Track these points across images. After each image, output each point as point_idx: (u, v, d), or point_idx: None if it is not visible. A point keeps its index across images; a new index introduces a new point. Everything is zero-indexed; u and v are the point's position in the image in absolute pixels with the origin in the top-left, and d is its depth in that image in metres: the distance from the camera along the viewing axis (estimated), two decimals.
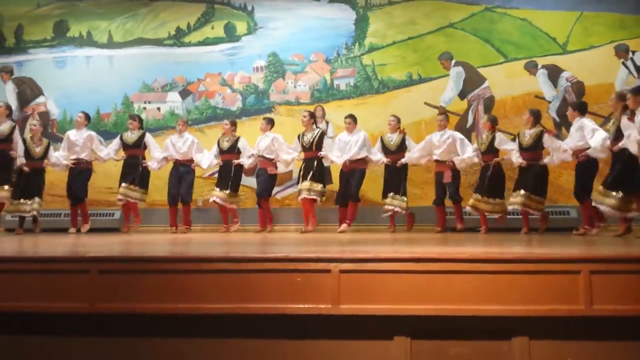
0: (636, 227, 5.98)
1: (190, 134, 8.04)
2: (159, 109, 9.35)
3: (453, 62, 8.77)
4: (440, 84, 8.78)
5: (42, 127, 8.02)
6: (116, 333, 3.56)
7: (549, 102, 8.43)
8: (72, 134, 7.84)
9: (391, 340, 3.44)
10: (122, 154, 7.86)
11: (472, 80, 8.70)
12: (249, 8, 9.42)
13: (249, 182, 8.38)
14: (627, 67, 8.32)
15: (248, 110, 9.21)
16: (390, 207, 7.36)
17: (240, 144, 7.81)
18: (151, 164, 7.79)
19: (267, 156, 7.69)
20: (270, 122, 7.86)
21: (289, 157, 7.64)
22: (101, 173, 8.41)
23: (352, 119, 7.55)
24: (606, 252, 3.84)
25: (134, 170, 7.69)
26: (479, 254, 3.68)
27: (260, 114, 8.99)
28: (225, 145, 7.83)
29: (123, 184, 7.66)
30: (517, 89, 8.52)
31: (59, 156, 7.73)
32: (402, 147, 7.50)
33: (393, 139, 7.54)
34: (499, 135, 7.08)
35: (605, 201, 5.69)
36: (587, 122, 6.29)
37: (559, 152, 6.55)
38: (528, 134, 6.82)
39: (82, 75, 9.48)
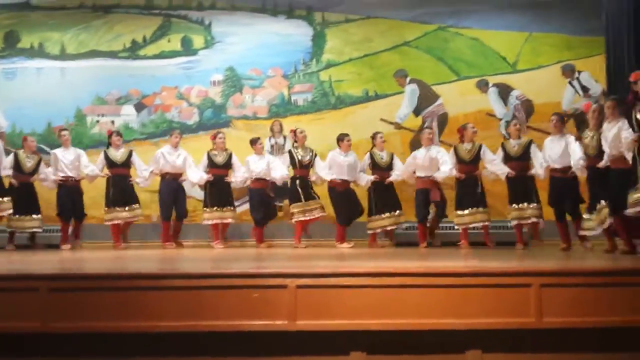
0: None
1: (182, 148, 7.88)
2: (112, 122, 9.15)
3: (408, 79, 8.93)
4: (395, 100, 8.92)
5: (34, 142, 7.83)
6: (69, 353, 3.45)
7: (500, 119, 8.67)
8: (59, 152, 7.66)
9: (347, 355, 3.45)
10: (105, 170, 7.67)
11: (427, 97, 8.88)
12: (207, 22, 9.38)
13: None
14: (573, 87, 8.65)
15: (205, 124, 9.12)
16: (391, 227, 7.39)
17: (232, 160, 7.71)
18: (141, 181, 7.64)
19: (262, 178, 7.59)
20: (261, 144, 7.78)
21: (281, 175, 7.51)
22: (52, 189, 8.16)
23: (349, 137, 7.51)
24: (555, 266, 3.96)
25: (127, 192, 7.54)
26: (433, 268, 3.75)
27: (217, 128, 8.91)
28: (220, 160, 7.71)
29: (118, 208, 7.46)
30: (470, 107, 8.73)
31: (49, 172, 7.60)
32: (392, 165, 7.47)
33: (384, 156, 7.51)
34: (484, 146, 7.04)
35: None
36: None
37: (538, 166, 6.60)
38: (516, 144, 6.83)
39: (32, 88, 9.20)
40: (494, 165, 6.87)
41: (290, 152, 7.57)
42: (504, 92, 8.74)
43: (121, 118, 9.16)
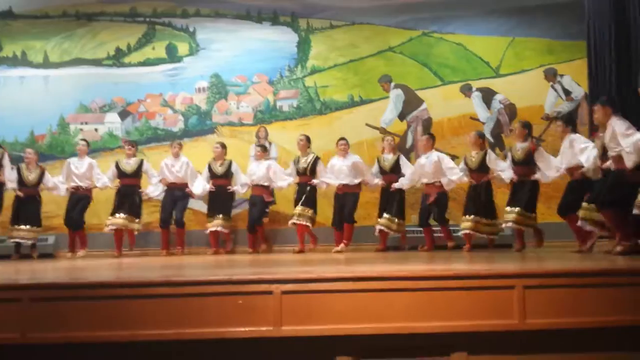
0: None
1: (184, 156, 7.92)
2: (96, 130, 9.11)
3: (392, 84, 8.99)
4: (380, 105, 8.96)
5: (37, 155, 7.86)
6: None
7: (483, 123, 8.73)
8: (73, 162, 7.74)
9: None
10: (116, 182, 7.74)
11: (411, 102, 8.93)
12: (191, 29, 9.38)
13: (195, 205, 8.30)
14: (555, 90, 8.75)
15: (190, 131, 9.11)
16: (381, 228, 7.34)
17: (233, 168, 7.76)
18: (151, 192, 7.68)
19: (263, 184, 7.63)
20: (266, 150, 7.84)
21: (285, 183, 7.59)
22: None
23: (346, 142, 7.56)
24: (538, 268, 3.99)
25: (132, 201, 7.58)
26: (418, 271, 3.76)
27: (202, 135, 8.93)
28: (219, 170, 7.72)
29: (119, 215, 7.48)
30: (454, 111, 8.80)
31: (57, 181, 7.66)
32: (397, 169, 7.42)
33: (388, 159, 7.52)
34: (490, 153, 6.98)
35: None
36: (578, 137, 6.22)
37: (550, 169, 6.38)
38: (520, 148, 6.64)
39: (15, 96, 9.13)
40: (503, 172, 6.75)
41: (294, 160, 7.65)
42: (488, 96, 8.82)
43: (105, 126, 9.12)
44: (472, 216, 6.81)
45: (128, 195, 7.59)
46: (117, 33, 9.41)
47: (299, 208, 7.34)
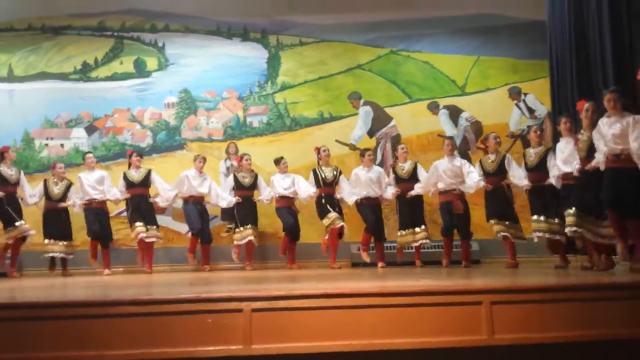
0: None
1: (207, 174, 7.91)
2: (62, 145, 8.94)
3: (362, 101, 9.08)
4: (350, 122, 9.04)
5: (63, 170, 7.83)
6: None
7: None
8: (84, 176, 7.68)
9: None
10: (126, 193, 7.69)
11: (380, 119, 9.03)
12: (160, 44, 9.33)
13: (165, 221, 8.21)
14: (519, 108, 8.97)
15: (159, 147, 9.02)
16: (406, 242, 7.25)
17: (258, 180, 7.82)
18: (161, 201, 7.65)
19: (289, 195, 7.69)
20: (285, 163, 7.87)
21: (308, 194, 7.58)
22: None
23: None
24: (505, 283, 4.05)
25: (146, 210, 7.58)
26: (387, 287, 3.78)
27: (171, 151, 8.85)
28: (247, 181, 7.75)
29: (139, 223, 7.47)
30: (422, 128, 8.93)
31: (76, 197, 7.64)
32: (415, 176, 7.35)
33: (405, 167, 7.47)
34: (508, 157, 6.73)
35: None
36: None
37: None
38: (534, 153, 6.35)
39: None
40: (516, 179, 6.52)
41: (314, 170, 7.65)
42: (454, 113, 8.98)
43: (71, 141, 8.97)
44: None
45: (141, 205, 7.59)
46: (85, 47, 9.30)
47: (333, 214, 7.33)
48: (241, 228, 7.61)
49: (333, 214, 7.32)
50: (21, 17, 9.20)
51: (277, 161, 7.89)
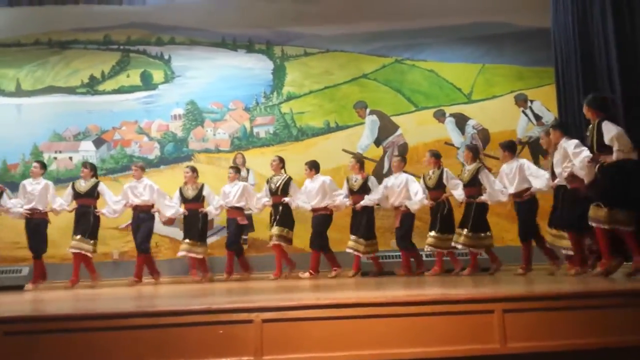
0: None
1: (149, 179, 7.76)
2: (70, 158, 9.00)
3: (368, 110, 9.10)
4: (356, 131, 9.06)
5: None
6: None
7: (457, 148, 8.88)
8: (28, 183, 7.44)
9: None
10: (73, 204, 7.48)
11: (386, 128, 9.05)
12: (166, 57, 9.40)
13: (167, 231, 8.19)
14: (526, 115, 8.96)
15: (166, 158, 9.07)
16: (349, 250, 7.26)
17: (205, 192, 7.65)
18: (107, 212, 7.47)
19: (237, 205, 7.57)
20: (238, 171, 7.82)
21: (259, 204, 7.60)
22: (7, 227, 7.93)
23: (309, 165, 7.55)
24: (517, 291, 4.03)
25: (86, 221, 7.33)
26: (397, 297, 3.76)
27: (179, 162, 8.89)
28: (190, 194, 7.62)
29: (75, 236, 7.28)
30: (428, 136, 8.95)
31: (16, 202, 7.36)
32: (365, 189, 7.33)
33: (356, 179, 7.45)
34: (447, 171, 7.02)
35: (562, 243, 5.82)
36: (527, 163, 6.45)
37: (494, 191, 6.57)
38: (467, 170, 6.83)
39: None
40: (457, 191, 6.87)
41: (267, 180, 7.69)
42: (461, 121, 8.99)
43: (79, 154, 9.03)
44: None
45: (84, 215, 7.36)
46: (91, 61, 9.38)
47: (275, 229, 7.34)
48: (185, 241, 7.53)
49: (274, 230, 7.35)
50: (28, 32, 9.30)
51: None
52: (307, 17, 9.22)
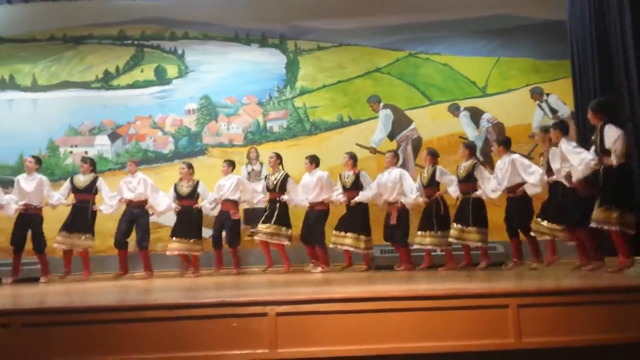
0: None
1: (142, 173, 7.76)
2: (86, 152, 9.07)
3: (381, 104, 9.07)
4: (370, 125, 9.03)
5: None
6: None
7: (472, 142, 8.79)
8: (22, 179, 7.43)
9: None
10: (72, 198, 7.48)
11: (400, 122, 9.01)
12: (180, 52, 9.42)
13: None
14: (542, 109, 8.87)
15: (181, 153, 9.11)
16: (348, 248, 7.18)
17: (200, 189, 7.61)
18: (104, 208, 7.49)
19: (231, 198, 7.54)
20: (232, 165, 7.75)
21: (254, 200, 7.60)
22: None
23: (310, 159, 7.52)
24: (532, 286, 4.01)
25: (83, 216, 7.36)
26: (411, 291, 3.76)
27: (193, 157, 8.92)
28: (185, 190, 7.58)
29: (64, 232, 7.27)
30: (442, 130, 8.89)
31: (9, 199, 7.34)
32: (357, 185, 7.25)
33: (348, 176, 7.40)
34: (439, 168, 7.01)
35: (545, 237, 5.97)
36: (519, 158, 6.47)
37: (485, 189, 6.59)
38: (463, 167, 6.86)
39: (4, 120, 9.11)
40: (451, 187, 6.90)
41: (265, 177, 7.72)
42: (476, 115, 8.92)
43: (95, 148, 9.11)
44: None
45: (81, 210, 7.37)
46: (106, 56, 9.43)
47: (265, 225, 7.32)
48: (174, 238, 7.44)
49: (270, 228, 7.31)
50: (43, 28, 9.36)
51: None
52: (321, 11, 9.19)
